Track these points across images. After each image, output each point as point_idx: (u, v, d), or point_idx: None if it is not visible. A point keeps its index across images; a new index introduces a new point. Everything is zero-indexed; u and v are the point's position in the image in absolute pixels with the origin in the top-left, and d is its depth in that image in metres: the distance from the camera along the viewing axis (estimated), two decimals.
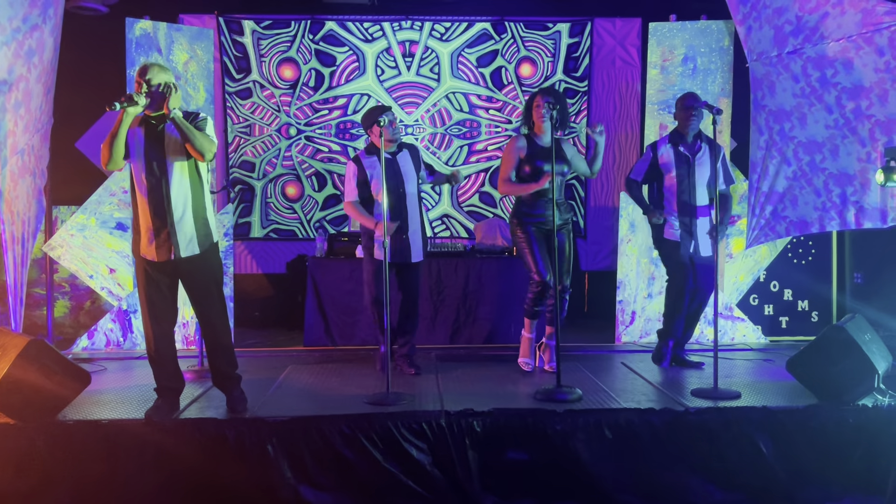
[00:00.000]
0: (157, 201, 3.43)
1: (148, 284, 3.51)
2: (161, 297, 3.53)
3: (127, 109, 3.31)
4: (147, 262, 3.50)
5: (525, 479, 3.43)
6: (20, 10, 4.46)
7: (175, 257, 3.47)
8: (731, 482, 3.45)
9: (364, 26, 6.84)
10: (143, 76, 3.41)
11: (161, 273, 3.51)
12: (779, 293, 5.87)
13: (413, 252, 4.40)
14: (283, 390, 4.12)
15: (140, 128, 3.46)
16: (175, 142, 3.45)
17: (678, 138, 4.54)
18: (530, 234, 4.33)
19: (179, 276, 3.57)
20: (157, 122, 3.46)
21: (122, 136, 3.36)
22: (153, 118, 3.46)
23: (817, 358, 3.74)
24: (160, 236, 3.44)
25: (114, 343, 5.47)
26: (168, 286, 3.55)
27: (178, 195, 3.45)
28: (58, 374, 3.50)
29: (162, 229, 3.44)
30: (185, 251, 3.48)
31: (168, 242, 3.45)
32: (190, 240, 3.49)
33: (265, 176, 6.86)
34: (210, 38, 5.92)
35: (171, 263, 3.49)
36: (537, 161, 4.29)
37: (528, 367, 4.49)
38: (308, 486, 3.33)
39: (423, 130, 6.92)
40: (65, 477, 3.27)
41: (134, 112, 3.35)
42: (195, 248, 3.51)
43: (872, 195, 4.75)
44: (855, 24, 4.63)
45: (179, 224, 3.45)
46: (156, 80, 3.40)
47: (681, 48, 5.76)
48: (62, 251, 5.53)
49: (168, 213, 3.43)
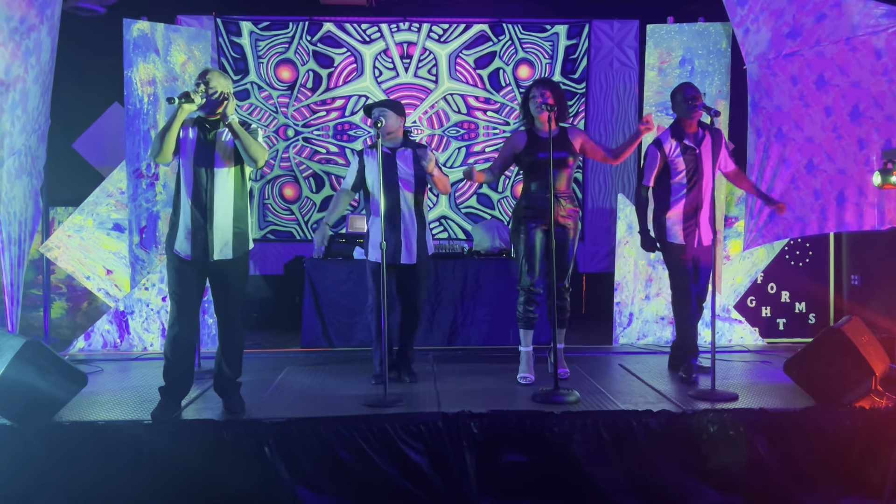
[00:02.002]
0: (201, 202, 3.49)
1: (178, 282, 3.55)
2: (189, 295, 3.56)
3: (183, 106, 3.37)
4: (179, 259, 3.54)
5: (522, 480, 3.43)
6: (18, 10, 4.45)
7: (210, 259, 3.52)
8: (729, 484, 3.45)
9: (362, 28, 6.84)
10: (202, 78, 3.51)
11: (192, 270, 3.55)
12: (776, 295, 5.87)
13: (405, 254, 4.21)
14: (281, 392, 4.11)
15: (194, 128, 3.54)
16: (226, 148, 3.53)
17: (680, 131, 4.31)
18: (528, 233, 4.21)
19: (209, 276, 3.61)
20: (212, 126, 3.54)
21: (174, 130, 3.43)
22: (208, 122, 3.54)
23: (814, 360, 3.74)
24: (198, 236, 3.49)
25: (111, 344, 5.45)
26: (196, 286, 3.59)
27: (222, 200, 3.51)
28: (54, 376, 3.49)
29: (200, 230, 3.49)
30: (218, 254, 3.53)
31: (204, 243, 3.50)
32: (225, 244, 3.54)
33: (263, 177, 6.86)
34: (208, 39, 5.91)
35: (202, 263, 3.53)
36: (538, 153, 4.15)
37: (529, 382, 4.23)
38: (305, 487, 3.32)
39: (420, 132, 6.92)
40: (61, 478, 3.26)
41: (189, 109, 3.41)
42: (229, 252, 3.56)
43: (870, 197, 4.76)
44: (852, 26, 4.64)
45: (218, 227, 3.51)
46: (214, 84, 3.49)
47: (678, 50, 5.77)
48: (59, 252, 5.52)
49: (209, 215, 3.49)
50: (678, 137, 4.31)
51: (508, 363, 4.68)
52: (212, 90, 3.48)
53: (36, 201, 4.99)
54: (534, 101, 4.17)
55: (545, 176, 4.14)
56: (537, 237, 4.23)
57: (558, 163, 4.15)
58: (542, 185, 4.20)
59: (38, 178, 5.00)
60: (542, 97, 4.13)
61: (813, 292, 5.83)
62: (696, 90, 4.31)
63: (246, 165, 3.60)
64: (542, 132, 4.20)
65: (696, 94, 4.28)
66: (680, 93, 4.31)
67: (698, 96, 4.28)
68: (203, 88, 3.47)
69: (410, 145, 4.29)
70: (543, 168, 4.14)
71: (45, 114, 4.95)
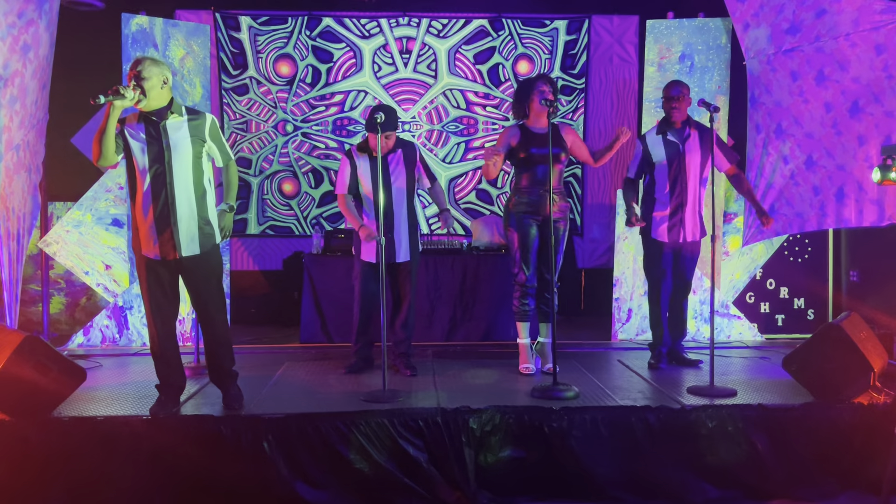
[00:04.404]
0: (160, 200, 3.37)
1: (150, 281, 3.47)
2: (163, 293, 3.50)
3: (114, 103, 3.20)
4: (147, 260, 3.46)
5: (521, 476, 3.43)
6: (16, 4, 4.44)
7: (179, 255, 3.44)
8: (727, 480, 3.45)
9: (361, 23, 6.82)
10: (134, 69, 3.32)
11: (163, 268, 3.48)
12: (775, 291, 5.87)
13: (400, 251, 4.35)
14: (280, 387, 4.11)
15: (141, 124, 3.39)
16: (178, 139, 3.38)
17: (666, 126, 4.45)
18: (522, 228, 4.24)
19: (180, 272, 3.53)
20: (159, 118, 3.38)
21: (110, 130, 3.25)
22: (153, 114, 3.38)
23: (813, 356, 3.74)
24: (163, 235, 3.40)
25: (109, 339, 5.46)
26: (170, 282, 3.51)
27: (182, 194, 3.40)
28: (53, 371, 3.49)
29: (164, 229, 3.39)
30: (186, 251, 3.44)
31: (171, 242, 3.40)
32: (192, 239, 3.45)
33: (261, 172, 6.85)
34: (206, 33, 5.90)
35: (173, 260, 3.46)
36: (532, 148, 4.18)
37: (531, 372, 4.36)
38: (304, 482, 3.32)
39: (420, 127, 6.91)
40: (60, 474, 3.26)
41: (121, 105, 3.23)
42: (196, 248, 3.47)
43: (869, 193, 4.76)
44: (852, 21, 4.63)
45: (182, 224, 3.40)
46: (146, 73, 3.30)
47: (678, 46, 5.76)
48: (58, 247, 5.51)
49: (171, 212, 3.38)
50: (661, 133, 4.46)
51: (507, 358, 4.69)
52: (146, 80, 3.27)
53: (34, 196, 4.99)
54: (540, 95, 4.15)
55: (539, 171, 4.21)
56: (531, 232, 4.26)
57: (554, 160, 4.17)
58: (535, 180, 4.24)
59: (37, 173, 4.99)
60: (544, 93, 4.14)
61: (812, 288, 5.84)
62: (682, 90, 4.41)
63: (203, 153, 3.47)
64: (535, 128, 4.26)
65: (679, 93, 4.40)
66: (665, 91, 4.47)
67: (681, 97, 4.39)
68: (134, 81, 3.27)
69: (398, 145, 4.38)
70: (537, 164, 4.18)
71: (44, 108, 4.94)
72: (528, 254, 4.25)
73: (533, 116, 4.25)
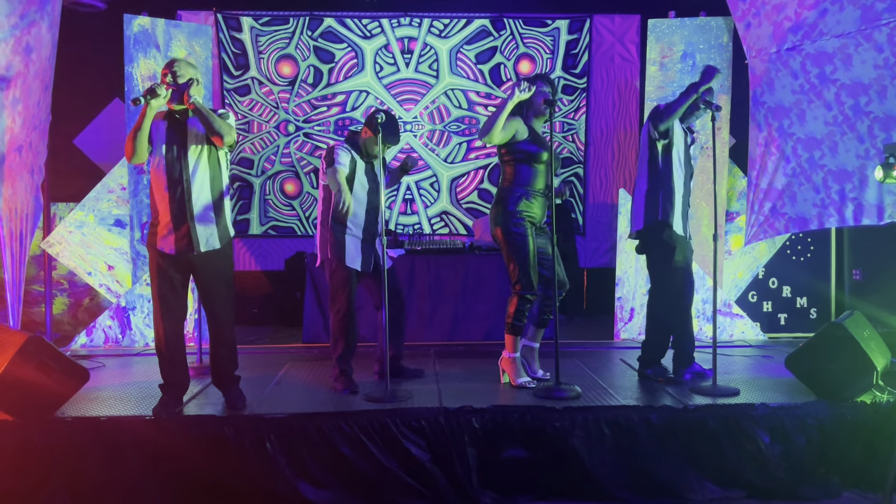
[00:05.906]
0: (179, 194, 3.45)
1: (161, 279, 3.51)
2: (173, 293, 3.53)
3: (150, 103, 3.34)
4: (161, 256, 3.50)
5: (523, 475, 3.43)
6: (18, 6, 4.45)
7: (195, 251, 3.48)
8: (730, 479, 3.45)
9: (363, 23, 6.83)
10: (169, 68, 3.47)
11: (175, 267, 3.51)
12: (777, 290, 5.87)
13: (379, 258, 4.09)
14: (282, 387, 4.11)
15: (164, 121, 3.49)
16: (197, 135, 3.48)
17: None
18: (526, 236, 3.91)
19: (193, 271, 3.57)
20: (181, 115, 3.49)
21: (145, 129, 3.39)
22: (177, 112, 3.49)
23: (816, 355, 3.74)
24: (180, 230, 3.46)
25: (112, 340, 5.46)
26: (181, 282, 3.55)
27: (200, 189, 3.48)
28: (56, 371, 3.50)
29: (182, 223, 3.46)
30: (204, 245, 3.50)
31: (188, 236, 3.46)
32: (210, 234, 3.51)
33: (264, 173, 6.86)
34: (208, 34, 5.91)
35: (186, 257, 3.49)
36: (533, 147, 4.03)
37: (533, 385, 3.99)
38: (306, 482, 3.33)
39: (421, 127, 6.91)
40: (63, 474, 3.26)
41: (157, 105, 3.37)
42: (216, 242, 3.53)
43: (871, 192, 4.75)
44: (854, 20, 4.62)
45: (200, 218, 3.48)
46: (181, 73, 3.45)
47: (680, 45, 5.76)
48: (60, 248, 5.52)
49: (188, 206, 3.45)
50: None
51: None
52: (180, 78, 3.43)
53: (37, 197, 5.00)
54: (543, 95, 4.04)
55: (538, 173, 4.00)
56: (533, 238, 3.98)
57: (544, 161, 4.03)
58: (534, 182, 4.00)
59: (39, 174, 5.00)
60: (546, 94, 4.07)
61: (814, 287, 5.83)
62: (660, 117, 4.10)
63: (220, 152, 3.55)
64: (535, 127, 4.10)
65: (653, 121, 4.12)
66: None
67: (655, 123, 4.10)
68: (170, 79, 3.43)
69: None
70: (536, 163, 4.00)
71: (46, 109, 4.95)
72: (535, 262, 3.96)
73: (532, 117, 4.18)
